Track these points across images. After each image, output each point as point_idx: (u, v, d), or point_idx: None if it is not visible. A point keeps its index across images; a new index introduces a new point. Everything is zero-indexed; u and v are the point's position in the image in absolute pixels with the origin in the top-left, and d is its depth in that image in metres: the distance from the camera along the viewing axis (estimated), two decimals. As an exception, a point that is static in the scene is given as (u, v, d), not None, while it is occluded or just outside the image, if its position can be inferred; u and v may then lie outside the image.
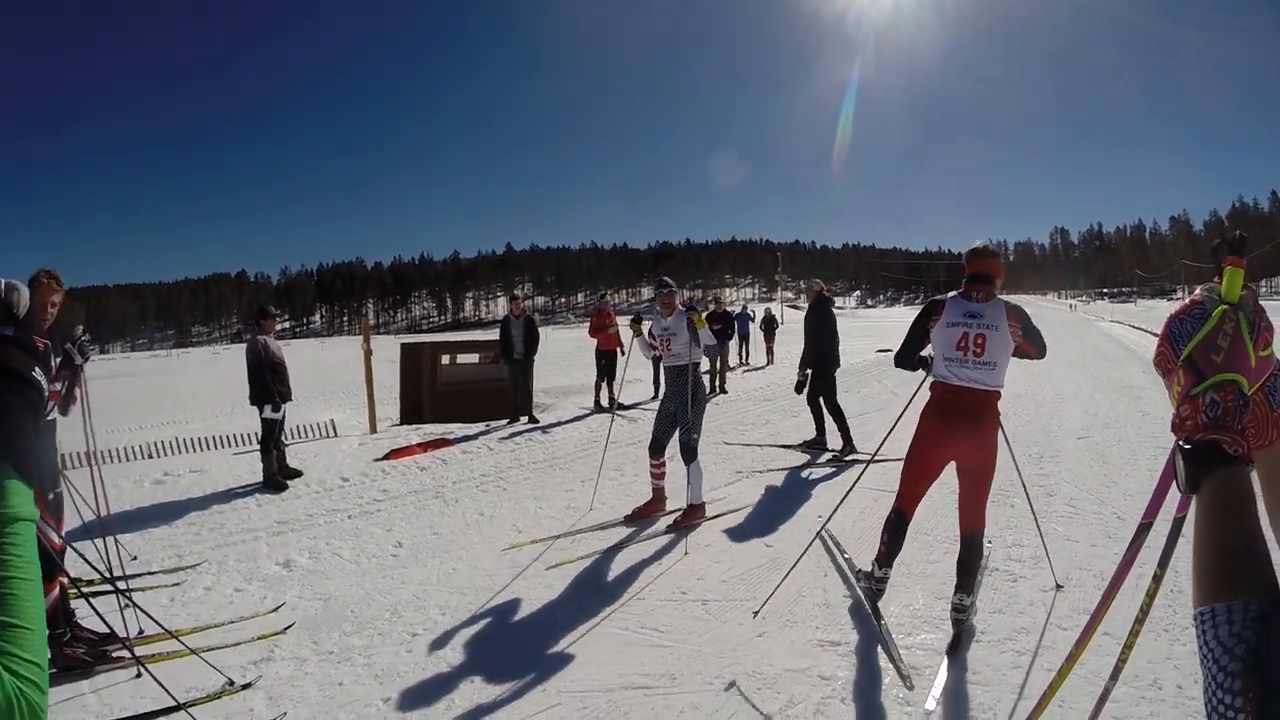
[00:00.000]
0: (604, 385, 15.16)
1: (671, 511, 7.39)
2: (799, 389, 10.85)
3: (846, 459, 9.93)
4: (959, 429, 4.75)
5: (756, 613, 5.09)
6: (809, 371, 10.58)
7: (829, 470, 9.33)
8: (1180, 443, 1.01)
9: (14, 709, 0.85)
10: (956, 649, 4.61)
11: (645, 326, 7.69)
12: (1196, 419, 1.00)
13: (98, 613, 4.53)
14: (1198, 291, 1.10)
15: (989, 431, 4.75)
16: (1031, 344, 4.77)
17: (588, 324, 16.75)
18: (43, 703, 0.89)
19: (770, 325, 26.19)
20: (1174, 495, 1.18)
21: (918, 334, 4.97)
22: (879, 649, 4.65)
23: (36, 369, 1.16)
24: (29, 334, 1.17)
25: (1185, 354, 1.04)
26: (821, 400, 10.52)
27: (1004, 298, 4.82)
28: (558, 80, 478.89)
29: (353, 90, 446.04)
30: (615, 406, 12.53)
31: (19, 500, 1.03)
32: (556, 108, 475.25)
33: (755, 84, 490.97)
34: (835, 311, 10.96)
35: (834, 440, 10.36)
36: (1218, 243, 1.11)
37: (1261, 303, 1.12)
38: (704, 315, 17.14)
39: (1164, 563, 1.92)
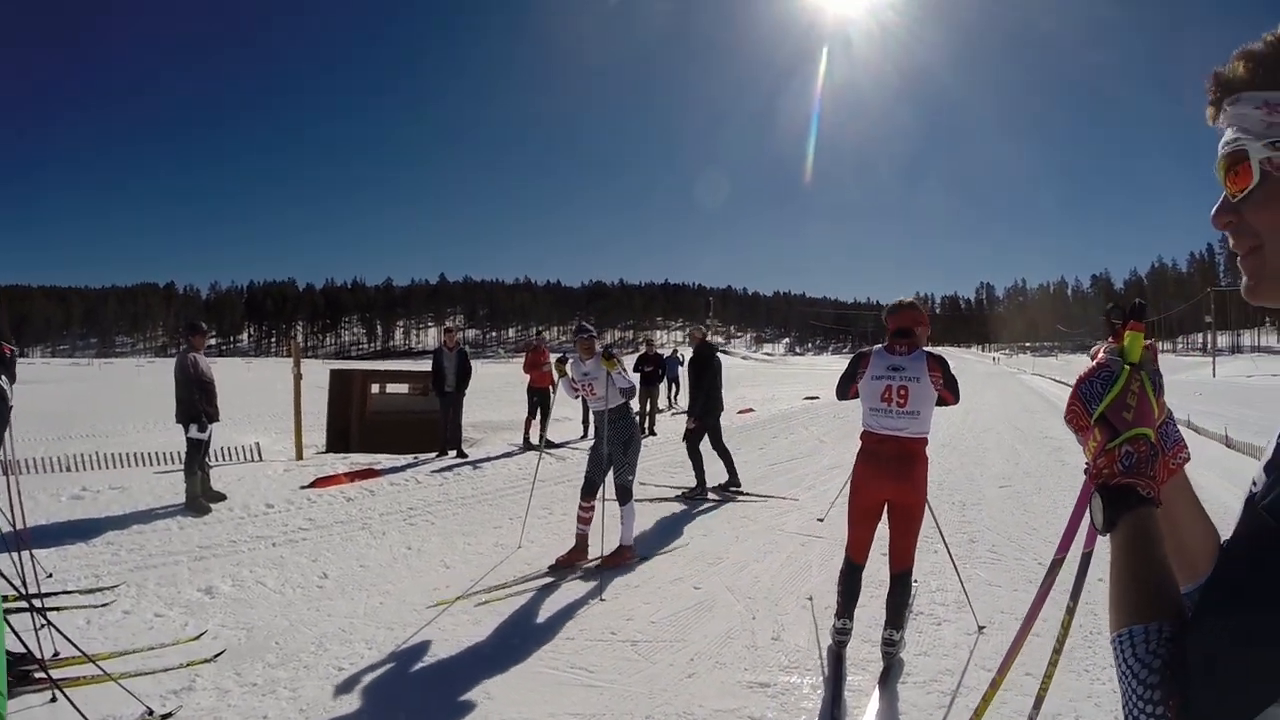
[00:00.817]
0: (534, 423, 15.15)
1: (593, 560, 7.28)
2: (686, 436, 11.00)
3: (732, 491, 10.50)
4: (886, 473, 4.97)
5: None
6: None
7: (746, 511, 9.39)
8: (1097, 488, 1.09)
9: None
10: (886, 681, 4.77)
11: (569, 366, 7.72)
12: (1113, 468, 1.07)
13: (14, 630, 4.39)
14: (1101, 354, 1.18)
15: (917, 475, 4.97)
16: (949, 391, 5.00)
17: (522, 359, 16.73)
18: (2, 708, 0.88)
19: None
20: (1081, 533, 1.26)
21: (849, 376, 5.18)
22: (807, 690, 4.73)
23: (3, 376, 1.17)
24: None
25: (1098, 413, 1.11)
26: (709, 441, 10.79)
27: (928, 349, 5.05)
28: (498, 116, 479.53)
29: (293, 109, 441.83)
30: (544, 444, 12.55)
31: None
32: (497, 142, 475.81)
33: (699, 132, 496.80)
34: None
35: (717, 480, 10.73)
36: (1111, 306, 1.24)
37: (1160, 358, 1.22)
38: (637, 356, 17.31)
39: (1075, 595, 2.04)
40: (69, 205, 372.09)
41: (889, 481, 4.97)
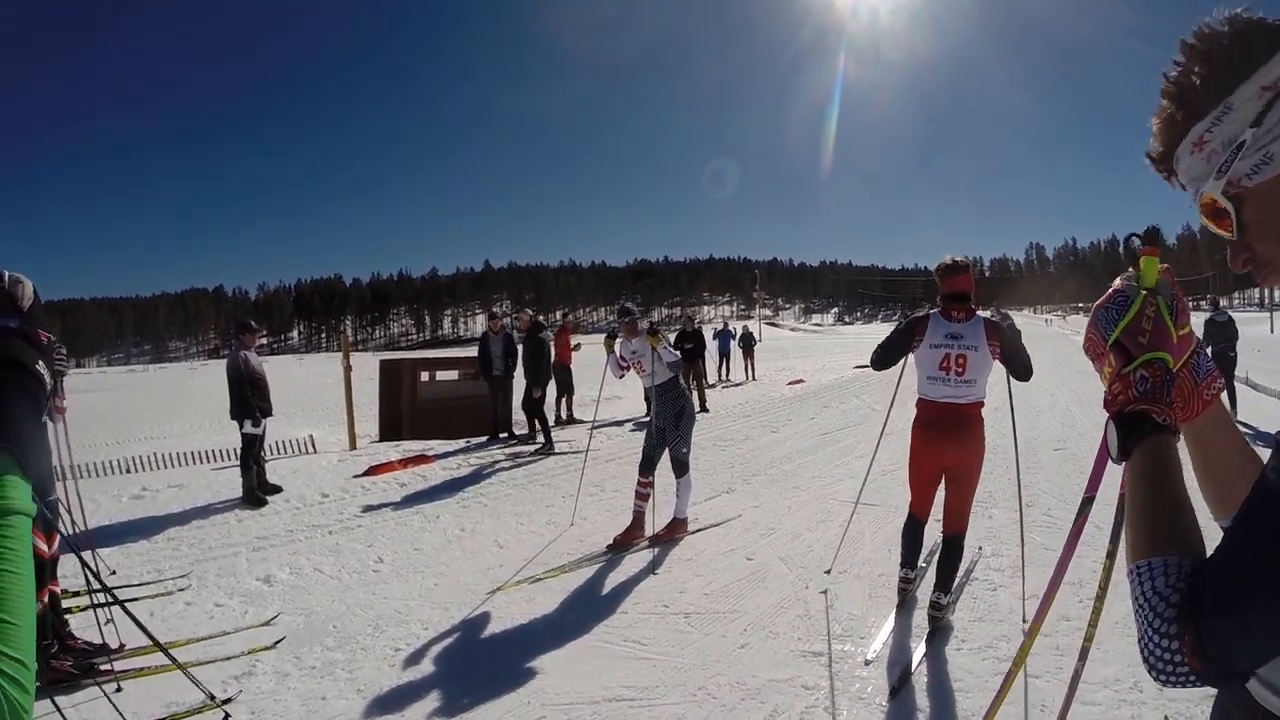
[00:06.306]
0: (564, 400, 15.84)
1: (649, 537, 7.18)
2: (525, 404, 13.01)
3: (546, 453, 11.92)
4: (944, 440, 4.95)
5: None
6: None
7: (798, 482, 9.32)
8: (1111, 415, 1.09)
9: None
10: (932, 644, 4.76)
11: (617, 344, 7.71)
12: (1128, 393, 1.07)
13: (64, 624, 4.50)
14: (1118, 281, 1.19)
15: (973, 438, 4.95)
16: (1012, 364, 4.89)
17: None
18: (26, 702, 0.86)
19: (748, 343, 26.24)
20: (1115, 473, 1.24)
21: (900, 343, 5.06)
22: (861, 658, 4.68)
23: (40, 363, 1.16)
24: (34, 327, 1.17)
25: (1113, 338, 1.13)
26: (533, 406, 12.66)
27: (983, 314, 4.93)
28: (537, 99, 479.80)
29: (332, 107, 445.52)
30: (571, 420, 12.84)
31: (17, 493, 1.01)
32: (536, 126, 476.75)
33: (736, 104, 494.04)
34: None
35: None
36: (1129, 237, 1.21)
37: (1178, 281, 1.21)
38: (677, 334, 17.41)
39: (1114, 538, 1.99)
40: (116, 216, 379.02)
41: (945, 447, 4.97)
